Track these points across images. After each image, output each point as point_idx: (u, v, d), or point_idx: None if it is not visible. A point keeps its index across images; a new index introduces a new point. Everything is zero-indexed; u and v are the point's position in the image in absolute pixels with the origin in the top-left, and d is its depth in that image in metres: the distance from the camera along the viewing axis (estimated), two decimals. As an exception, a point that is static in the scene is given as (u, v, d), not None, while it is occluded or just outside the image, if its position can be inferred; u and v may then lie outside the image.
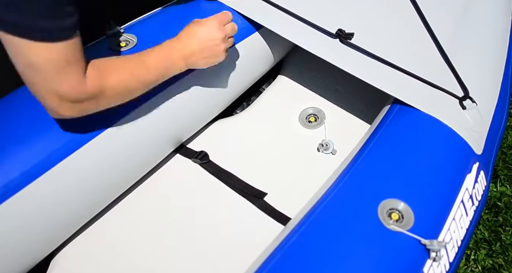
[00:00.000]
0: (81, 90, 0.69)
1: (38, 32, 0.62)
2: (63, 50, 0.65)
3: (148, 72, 0.79)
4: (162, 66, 0.81)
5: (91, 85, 0.70)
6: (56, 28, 0.63)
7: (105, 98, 0.73)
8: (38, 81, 0.67)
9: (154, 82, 0.81)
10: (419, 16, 1.05)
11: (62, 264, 0.86)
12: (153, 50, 0.81)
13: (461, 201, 0.78)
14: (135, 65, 0.78)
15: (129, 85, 0.76)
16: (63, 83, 0.67)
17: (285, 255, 0.67)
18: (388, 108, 0.92)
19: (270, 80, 1.29)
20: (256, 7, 1.03)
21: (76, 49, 0.67)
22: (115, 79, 0.74)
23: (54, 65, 0.65)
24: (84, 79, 0.69)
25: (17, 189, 0.69)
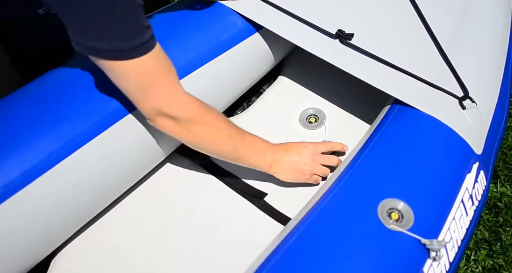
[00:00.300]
0: (181, 102, 0.76)
1: (128, 52, 0.68)
2: (151, 60, 0.71)
3: (241, 143, 0.85)
4: (254, 148, 0.88)
5: (191, 105, 0.78)
6: (142, 43, 0.69)
7: (194, 129, 0.79)
8: (136, 94, 0.74)
9: (234, 154, 0.86)
10: (419, 16, 1.05)
11: (62, 263, 0.86)
12: (253, 135, 0.89)
13: (461, 200, 0.78)
14: (234, 129, 0.85)
15: (220, 135, 0.82)
16: (157, 91, 0.73)
17: (285, 255, 0.67)
18: (388, 108, 0.92)
19: (270, 80, 1.29)
20: (256, 8, 1.04)
21: (163, 55, 0.74)
22: (214, 119, 0.81)
23: (147, 76, 0.72)
24: (182, 92, 0.77)
25: (17, 189, 0.69)
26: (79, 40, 0.67)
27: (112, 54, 0.67)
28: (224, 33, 1.00)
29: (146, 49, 0.70)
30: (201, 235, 0.91)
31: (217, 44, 0.98)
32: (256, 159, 0.88)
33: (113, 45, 0.66)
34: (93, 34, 0.66)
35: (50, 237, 0.80)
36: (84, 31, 0.66)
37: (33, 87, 0.81)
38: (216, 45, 0.98)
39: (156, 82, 0.73)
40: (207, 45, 0.97)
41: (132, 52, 0.68)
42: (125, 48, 0.67)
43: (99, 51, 0.67)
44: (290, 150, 0.91)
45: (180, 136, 0.80)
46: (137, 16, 0.68)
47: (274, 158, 0.89)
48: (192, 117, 0.77)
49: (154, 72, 0.72)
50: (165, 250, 0.89)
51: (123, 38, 0.67)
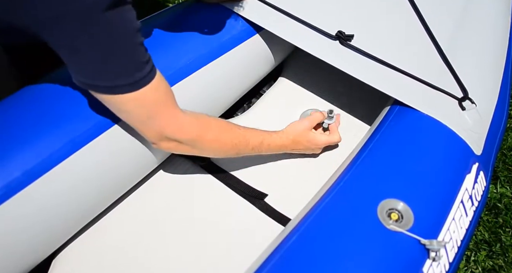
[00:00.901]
0: (181, 126, 0.78)
1: (128, 87, 0.69)
2: (151, 91, 0.72)
3: (245, 148, 0.90)
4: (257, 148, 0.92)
5: (189, 129, 0.79)
6: (142, 77, 0.69)
7: (201, 146, 0.82)
8: (137, 124, 0.76)
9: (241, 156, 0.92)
10: (418, 18, 1.06)
11: (63, 264, 0.86)
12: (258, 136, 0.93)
13: (460, 201, 0.78)
14: (236, 137, 0.88)
15: (224, 148, 0.87)
16: (158, 120, 0.75)
17: (285, 256, 0.67)
18: (388, 109, 0.92)
19: (270, 82, 1.30)
20: (256, 9, 1.04)
21: (162, 83, 0.75)
22: (217, 132, 0.84)
23: (147, 107, 0.73)
24: (178, 113, 0.78)
25: (18, 189, 0.70)
26: (78, 77, 0.68)
27: (111, 90, 0.68)
28: (224, 34, 1.01)
29: (146, 82, 0.70)
30: (201, 236, 0.91)
31: (218, 46, 0.98)
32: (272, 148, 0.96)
33: (112, 82, 0.67)
34: (92, 73, 0.67)
35: (51, 237, 0.80)
36: (83, 70, 0.67)
37: (34, 88, 0.82)
38: (216, 47, 0.98)
39: (156, 111, 0.74)
40: (208, 47, 0.97)
41: (132, 86, 0.69)
42: (125, 84, 0.68)
43: (98, 87, 0.68)
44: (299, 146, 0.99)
45: (186, 153, 0.83)
46: (137, 54, 0.68)
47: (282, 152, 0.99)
48: (194, 138, 0.80)
49: (154, 102, 0.73)
50: (165, 250, 0.89)
51: (122, 76, 0.67)
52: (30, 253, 0.78)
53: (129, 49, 0.67)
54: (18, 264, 0.76)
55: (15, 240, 0.73)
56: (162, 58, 0.90)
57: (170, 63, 0.90)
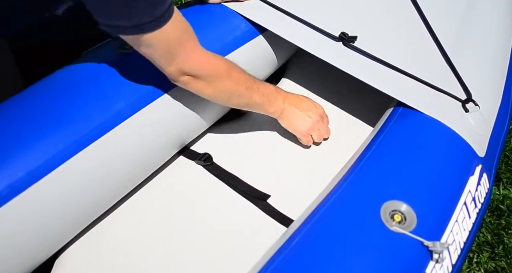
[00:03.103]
0: (197, 60, 0.80)
1: (153, 24, 0.70)
2: (173, 27, 0.73)
3: (256, 93, 0.91)
4: (268, 97, 0.94)
5: (207, 63, 0.82)
6: (164, 11, 0.70)
7: (214, 85, 0.84)
8: (160, 58, 0.77)
9: (250, 103, 0.93)
10: (422, 19, 1.06)
11: (66, 264, 0.86)
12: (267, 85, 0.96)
13: (463, 203, 0.78)
14: (249, 80, 0.90)
15: (238, 89, 0.88)
16: (180, 55, 0.77)
17: (288, 257, 0.67)
18: (391, 111, 0.92)
19: (273, 83, 1.29)
20: (260, 10, 1.04)
21: (181, 18, 0.76)
22: (230, 74, 0.86)
23: (171, 42, 0.75)
24: (199, 48, 0.80)
25: (22, 189, 0.70)
26: (103, 20, 0.68)
27: (139, 28, 0.69)
28: (227, 35, 1.01)
29: (168, 17, 0.71)
30: (204, 236, 0.91)
31: (221, 46, 0.98)
32: (269, 107, 0.96)
33: (137, 20, 0.68)
34: (119, 14, 0.67)
35: (54, 237, 0.80)
36: (110, 13, 0.67)
37: (38, 88, 0.82)
38: (219, 47, 0.98)
39: (180, 46, 0.76)
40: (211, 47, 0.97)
41: (157, 22, 0.70)
42: (149, 20, 0.69)
43: (126, 28, 0.69)
44: (301, 103, 1.01)
45: (202, 91, 0.85)
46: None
47: (284, 106, 0.97)
48: (212, 73, 0.82)
49: (177, 38, 0.75)
50: (168, 251, 0.89)
51: (148, 12, 0.68)
52: (33, 253, 0.78)
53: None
54: (21, 264, 0.77)
55: (18, 240, 0.73)
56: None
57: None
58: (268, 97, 0.94)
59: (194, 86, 0.83)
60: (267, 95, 0.94)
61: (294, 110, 0.99)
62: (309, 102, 1.02)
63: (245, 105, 0.93)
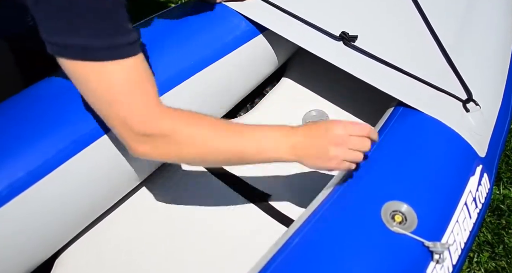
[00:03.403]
0: (152, 117, 0.65)
1: (104, 51, 0.60)
2: (134, 67, 0.63)
3: (240, 140, 0.70)
4: (261, 141, 0.71)
5: (165, 118, 0.66)
6: (126, 43, 0.62)
7: (177, 145, 0.67)
8: (103, 105, 0.64)
9: (239, 156, 0.71)
10: (422, 19, 1.06)
11: (66, 264, 0.86)
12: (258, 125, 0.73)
13: (464, 203, 0.78)
14: (226, 127, 0.71)
15: (209, 143, 0.68)
16: (135, 104, 0.64)
17: (288, 257, 0.67)
18: (392, 110, 0.92)
19: (274, 82, 1.30)
20: (260, 10, 1.04)
21: (145, 66, 0.66)
22: (195, 128, 0.68)
23: (127, 83, 0.63)
24: (156, 106, 0.66)
25: (22, 189, 0.70)
26: (46, 36, 0.60)
27: (83, 52, 0.60)
28: (227, 34, 1.01)
29: (126, 52, 0.62)
30: (204, 236, 0.91)
31: (221, 46, 0.98)
32: (269, 153, 0.71)
33: (86, 41, 0.59)
34: (63, 29, 0.59)
35: (54, 237, 0.80)
36: (52, 25, 0.59)
37: (38, 88, 0.82)
38: (219, 47, 0.98)
39: (128, 92, 0.64)
40: (211, 47, 0.97)
41: (108, 52, 0.60)
42: (101, 46, 0.59)
43: (67, 49, 0.60)
44: (311, 132, 0.73)
45: (167, 157, 0.70)
46: (120, 15, 0.61)
47: (291, 144, 0.71)
48: (166, 132, 0.66)
49: (130, 81, 0.63)
50: (168, 250, 0.89)
51: (99, 36, 0.59)
52: (33, 253, 0.78)
53: (109, 6, 0.59)
54: (21, 264, 0.77)
55: (18, 240, 0.73)
56: (166, 58, 0.90)
57: (173, 63, 0.90)
58: (260, 142, 0.71)
59: (155, 153, 0.68)
60: (258, 139, 0.71)
61: (306, 145, 0.72)
62: (319, 126, 0.74)
63: (231, 158, 0.71)
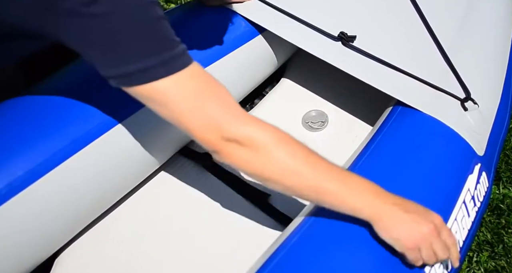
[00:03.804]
0: (240, 118, 0.64)
1: (160, 68, 0.60)
2: (190, 77, 0.63)
3: (327, 175, 0.65)
4: (346, 184, 0.65)
5: (256, 125, 0.64)
6: (174, 56, 0.62)
7: (264, 158, 0.64)
8: (184, 119, 0.63)
9: (318, 190, 0.65)
10: (421, 18, 1.06)
11: (66, 263, 0.86)
12: (348, 171, 0.69)
13: (463, 202, 0.78)
14: (317, 157, 0.66)
15: (297, 167, 0.64)
16: (209, 109, 0.63)
17: (287, 256, 0.67)
18: (390, 110, 0.92)
19: (273, 83, 1.30)
20: (259, 11, 1.04)
21: (204, 73, 0.65)
22: (291, 148, 0.65)
23: (190, 94, 0.62)
24: (236, 106, 0.65)
25: (21, 188, 0.70)
26: (106, 72, 0.62)
27: (144, 75, 0.60)
28: (227, 35, 1.01)
29: (180, 64, 0.62)
30: (203, 236, 0.92)
31: (220, 47, 0.99)
32: (349, 199, 0.64)
33: (141, 63, 0.60)
34: (115, 60, 0.60)
35: (54, 236, 0.81)
36: (106, 61, 0.61)
37: (38, 88, 0.82)
38: (219, 48, 0.98)
39: (204, 99, 0.63)
40: (210, 48, 0.98)
41: (165, 67, 0.61)
42: (155, 63, 0.60)
43: (130, 77, 0.61)
44: (408, 204, 0.65)
45: (250, 167, 0.66)
46: (162, 28, 0.62)
47: (378, 201, 0.64)
48: (262, 139, 0.63)
49: (197, 89, 0.63)
50: (168, 250, 0.90)
51: (150, 54, 0.60)
52: (33, 252, 0.78)
53: (148, 23, 0.60)
54: (21, 263, 0.77)
55: (18, 239, 0.73)
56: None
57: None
58: (347, 185, 0.65)
59: (240, 158, 0.65)
60: (347, 182, 0.65)
61: (396, 212, 0.64)
62: (420, 206, 0.66)
63: (309, 189, 0.65)
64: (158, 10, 0.62)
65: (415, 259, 0.64)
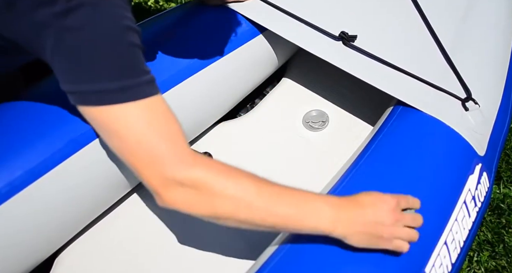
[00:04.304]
0: (183, 159, 0.62)
1: (119, 93, 0.59)
2: (156, 106, 0.62)
3: (280, 202, 0.63)
4: (300, 206, 0.63)
5: (198, 164, 0.62)
6: (136, 84, 0.61)
7: (210, 197, 0.62)
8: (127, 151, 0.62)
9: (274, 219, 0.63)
10: (422, 18, 1.06)
11: (65, 263, 0.86)
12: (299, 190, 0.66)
13: (463, 202, 0.78)
14: (267, 184, 0.65)
15: (247, 198, 0.62)
16: (163, 143, 0.61)
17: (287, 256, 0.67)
18: (391, 110, 0.92)
19: (274, 82, 1.30)
20: (260, 10, 1.04)
21: (167, 107, 0.64)
22: (233, 180, 0.63)
23: (151, 122, 0.61)
24: (186, 148, 0.63)
25: (21, 188, 0.70)
26: (64, 85, 0.62)
27: (99, 96, 0.59)
28: (227, 35, 1.01)
29: (141, 93, 0.61)
30: (202, 237, 0.92)
31: (221, 46, 0.99)
32: (308, 221, 0.63)
33: (99, 84, 0.59)
34: (79, 74, 0.59)
35: (53, 236, 0.80)
36: (67, 74, 0.60)
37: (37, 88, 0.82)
38: (220, 47, 0.98)
39: (154, 134, 0.61)
40: (211, 47, 0.98)
41: (123, 94, 0.59)
42: (114, 88, 0.59)
43: (84, 95, 0.60)
44: (361, 205, 0.65)
45: (198, 210, 0.64)
46: (132, 55, 0.61)
47: (336, 216, 0.63)
48: (206, 177, 0.62)
49: (150, 123, 0.61)
50: (167, 250, 0.90)
51: (111, 77, 0.59)
52: (33, 252, 0.78)
53: (117, 46, 0.60)
54: (21, 263, 0.77)
55: (18, 239, 0.73)
56: (166, 59, 0.90)
57: (173, 63, 0.91)
58: (302, 207, 0.63)
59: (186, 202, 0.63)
60: (300, 204, 0.63)
61: (354, 219, 0.63)
62: (370, 198, 0.66)
63: (265, 220, 0.63)
64: (133, 37, 0.61)
65: (399, 247, 0.64)
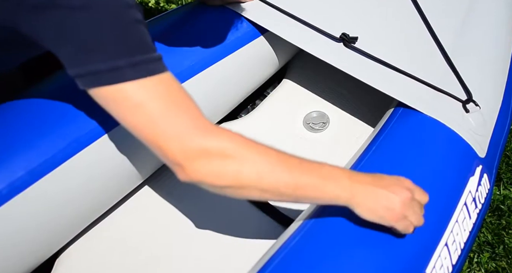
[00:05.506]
0: (206, 129, 0.61)
1: (131, 70, 0.58)
2: (160, 84, 0.60)
3: (300, 171, 0.63)
4: (321, 174, 0.64)
5: (222, 134, 0.61)
6: (147, 60, 0.60)
7: (237, 163, 0.61)
8: (147, 130, 0.60)
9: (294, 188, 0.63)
10: (422, 20, 1.06)
11: (66, 263, 0.86)
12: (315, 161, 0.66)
13: (464, 203, 0.78)
14: (285, 155, 0.65)
15: (273, 164, 0.62)
16: (184, 114, 0.60)
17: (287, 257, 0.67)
18: (392, 111, 0.92)
19: (274, 84, 1.30)
20: (261, 11, 1.04)
21: (175, 84, 0.62)
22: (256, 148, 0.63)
23: (168, 96, 0.60)
24: (206, 120, 0.62)
25: (22, 188, 0.70)
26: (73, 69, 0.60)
27: (112, 75, 0.58)
28: (228, 36, 1.01)
29: (153, 69, 0.60)
30: (203, 237, 0.92)
31: (222, 47, 0.99)
32: (327, 188, 0.63)
33: (112, 62, 0.57)
34: (88, 55, 0.58)
35: (54, 237, 0.81)
36: (78, 54, 0.58)
37: (39, 88, 0.82)
38: (220, 48, 0.98)
39: (172, 107, 0.60)
40: (212, 48, 0.98)
41: (135, 70, 0.58)
42: (126, 64, 0.58)
43: (96, 75, 0.58)
44: (378, 179, 0.66)
45: (223, 179, 0.62)
46: (139, 31, 0.60)
47: (353, 184, 0.64)
48: (231, 145, 0.61)
49: (166, 97, 0.60)
50: (168, 250, 0.90)
51: (121, 55, 0.58)
52: (34, 252, 0.78)
53: (124, 23, 0.59)
54: (22, 263, 0.77)
55: (19, 239, 0.73)
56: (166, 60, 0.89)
57: (174, 64, 0.90)
58: (320, 175, 0.64)
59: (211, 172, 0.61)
60: (318, 172, 0.64)
61: (370, 189, 0.64)
62: (388, 176, 0.68)
63: (286, 189, 0.63)
64: (136, 13, 0.60)
65: (405, 228, 0.65)
